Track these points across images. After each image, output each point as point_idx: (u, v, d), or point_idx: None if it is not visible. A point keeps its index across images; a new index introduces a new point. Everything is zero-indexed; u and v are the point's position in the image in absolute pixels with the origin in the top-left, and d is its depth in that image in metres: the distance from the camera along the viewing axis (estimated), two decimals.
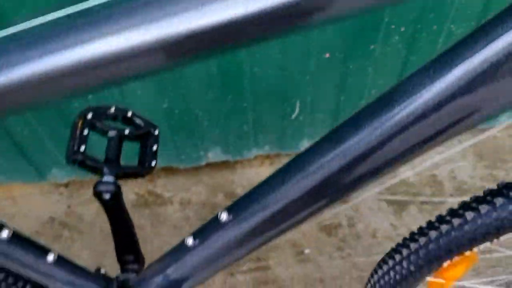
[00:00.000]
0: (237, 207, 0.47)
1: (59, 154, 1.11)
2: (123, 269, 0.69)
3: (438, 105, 0.33)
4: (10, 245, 0.50)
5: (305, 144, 1.19)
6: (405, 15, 0.90)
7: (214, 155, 1.20)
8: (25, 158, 1.10)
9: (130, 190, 1.27)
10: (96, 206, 0.63)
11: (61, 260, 0.57)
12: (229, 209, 0.48)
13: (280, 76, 0.97)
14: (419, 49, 0.98)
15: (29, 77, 0.28)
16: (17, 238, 0.51)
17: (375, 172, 0.39)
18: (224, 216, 0.48)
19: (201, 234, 0.52)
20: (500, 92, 0.32)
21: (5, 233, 0.49)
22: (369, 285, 0.67)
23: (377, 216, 1.18)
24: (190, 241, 0.53)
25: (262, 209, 0.45)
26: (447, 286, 0.67)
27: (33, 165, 1.14)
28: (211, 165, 1.25)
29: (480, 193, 0.50)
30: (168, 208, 1.22)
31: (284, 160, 0.43)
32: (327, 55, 0.95)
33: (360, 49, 0.95)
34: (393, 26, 0.91)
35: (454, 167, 1.25)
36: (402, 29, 0.92)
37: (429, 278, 0.66)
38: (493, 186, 0.49)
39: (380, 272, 0.63)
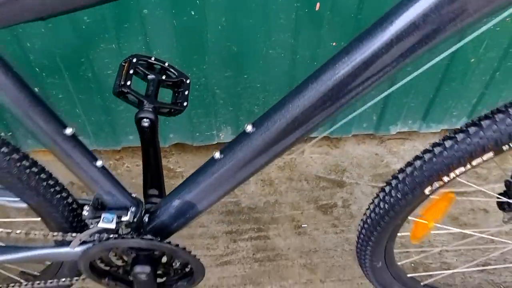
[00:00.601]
0: (260, 120, 0.59)
1: (88, 125, 1.22)
2: (147, 203, 0.80)
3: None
4: (71, 141, 0.61)
5: None
6: None
7: (225, 135, 1.31)
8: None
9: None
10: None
11: (106, 170, 0.68)
12: (254, 123, 0.60)
13: (291, 59, 1.10)
14: None
15: None
16: (76, 139, 0.62)
17: (368, 84, 0.51)
18: (249, 128, 0.60)
19: (227, 148, 0.63)
20: None
21: (69, 130, 0.60)
22: (362, 221, 0.78)
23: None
24: (217, 155, 0.64)
25: (280, 119, 0.57)
26: (429, 226, 0.78)
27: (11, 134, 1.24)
28: (221, 145, 1.37)
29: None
30: (178, 181, 1.32)
31: None
32: (334, 43, 1.08)
33: None
34: None
35: None
36: None
37: (414, 219, 0.77)
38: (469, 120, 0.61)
39: (371, 207, 0.74)
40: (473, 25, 0.46)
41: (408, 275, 0.95)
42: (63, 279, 0.86)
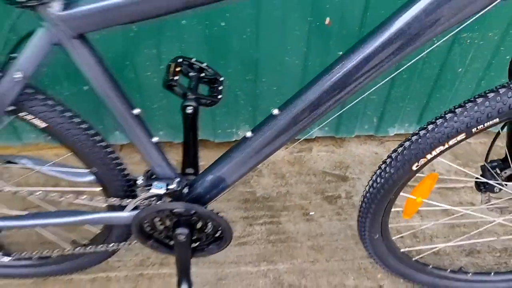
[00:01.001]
0: (284, 105, 0.77)
1: None
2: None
3: None
4: (137, 119, 0.79)
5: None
6: None
7: (243, 133, 1.49)
8: (98, 120, 1.39)
9: (172, 158, 1.54)
10: (143, 167, 0.90)
11: (159, 146, 0.85)
12: (279, 107, 0.77)
13: (303, 66, 1.28)
14: None
15: None
16: (140, 118, 0.80)
17: (368, 75, 0.69)
18: (276, 111, 0.77)
19: (257, 128, 0.80)
20: None
21: (136, 111, 0.78)
22: (363, 196, 0.95)
23: None
24: (249, 134, 0.82)
25: (300, 103, 0.74)
26: (418, 201, 0.94)
27: (102, 127, 1.42)
28: None
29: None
30: None
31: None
32: (340, 53, 1.26)
33: None
34: None
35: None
36: None
37: (405, 195, 0.94)
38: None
39: (370, 182, 0.91)
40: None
41: (401, 250, 1.11)
42: (111, 244, 1.03)
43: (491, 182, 0.94)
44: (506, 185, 0.94)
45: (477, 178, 0.96)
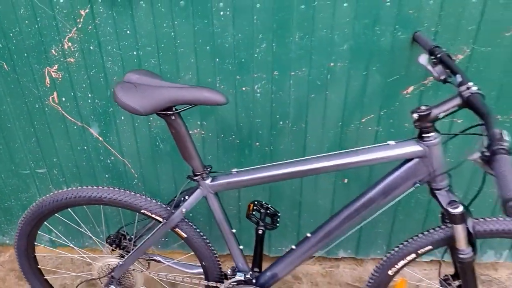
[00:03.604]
0: (315, 230, 1.42)
1: None
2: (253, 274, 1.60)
3: None
4: (234, 236, 1.47)
5: None
6: None
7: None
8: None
9: None
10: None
11: (242, 252, 1.52)
12: (311, 232, 1.43)
13: (331, 207, 1.95)
14: None
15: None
16: (234, 235, 1.48)
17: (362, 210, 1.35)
18: (308, 235, 1.43)
19: (298, 244, 1.45)
20: None
21: (233, 230, 1.47)
22: None
23: None
24: (293, 246, 1.46)
25: (323, 230, 1.40)
26: None
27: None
28: None
29: None
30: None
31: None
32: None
33: None
34: None
35: None
36: None
37: None
38: None
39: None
40: None
41: None
42: None
43: None
44: None
45: None
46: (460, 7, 1.40)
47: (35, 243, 1.61)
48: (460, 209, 1.19)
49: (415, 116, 1.14)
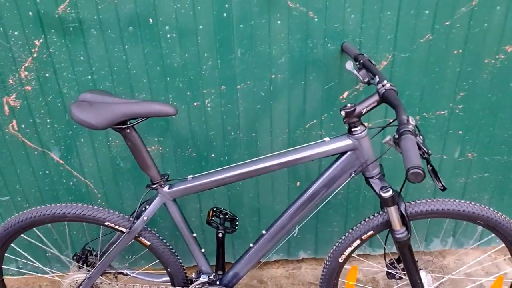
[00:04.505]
0: (269, 227, 1.55)
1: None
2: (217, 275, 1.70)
3: None
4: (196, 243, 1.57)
5: None
6: None
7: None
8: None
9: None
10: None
11: (204, 255, 1.62)
12: (266, 229, 1.55)
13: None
14: None
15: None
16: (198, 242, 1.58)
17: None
18: (264, 232, 1.55)
19: (254, 243, 1.57)
20: None
21: (194, 235, 1.57)
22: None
23: None
24: (251, 245, 1.58)
25: (277, 226, 1.53)
26: (351, 284, 1.64)
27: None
28: (276, 263, 2.26)
29: None
30: None
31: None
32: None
33: None
34: None
35: None
36: None
37: (344, 281, 1.64)
38: None
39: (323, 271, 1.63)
40: None
41: None
42: None
43: (393, 271, 1.64)
44: (404, 274, 1.63)
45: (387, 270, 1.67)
46: (378, 19, 1.60)
47: (2, 266, 1.66)
48: (390, 192, 1.35)
49: (343, 113, 1.30)
